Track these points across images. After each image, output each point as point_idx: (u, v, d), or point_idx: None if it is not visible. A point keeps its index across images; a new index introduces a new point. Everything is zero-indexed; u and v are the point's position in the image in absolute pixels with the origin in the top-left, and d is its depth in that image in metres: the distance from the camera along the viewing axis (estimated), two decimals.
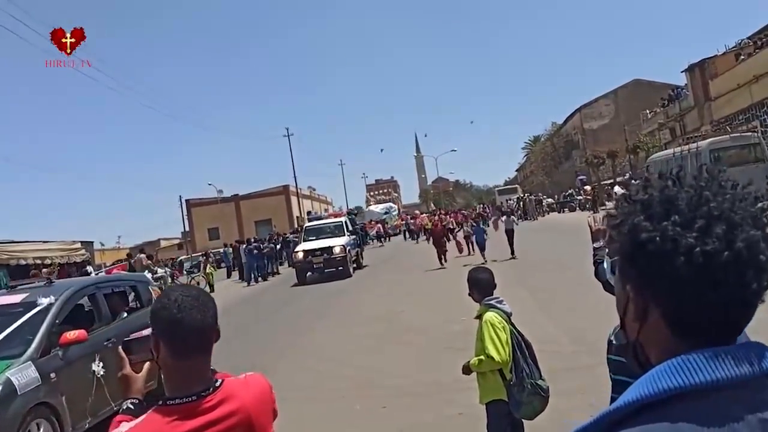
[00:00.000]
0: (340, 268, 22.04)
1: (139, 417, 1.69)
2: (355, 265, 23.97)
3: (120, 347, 1.95)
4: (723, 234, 0.86)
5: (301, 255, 22.67)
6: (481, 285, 4.29)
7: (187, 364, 1.73)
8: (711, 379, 0.84)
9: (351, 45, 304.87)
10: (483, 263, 16.64)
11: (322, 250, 22.21)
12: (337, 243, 22.50)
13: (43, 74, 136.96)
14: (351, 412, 6.72)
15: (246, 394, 1.79)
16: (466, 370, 4.21)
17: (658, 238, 0.88)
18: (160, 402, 1.70)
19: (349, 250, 22.80)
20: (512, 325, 4.14)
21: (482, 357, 4.00)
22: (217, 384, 1.75)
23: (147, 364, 1.94)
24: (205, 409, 1.68)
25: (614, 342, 1.09)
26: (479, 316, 4.18)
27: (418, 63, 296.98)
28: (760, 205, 0.91)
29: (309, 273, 22.44)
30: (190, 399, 1.68)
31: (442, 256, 20.73)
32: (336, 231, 24.41)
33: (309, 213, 33.54)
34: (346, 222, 25.72)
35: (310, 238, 24.05)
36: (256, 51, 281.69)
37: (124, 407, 1.86)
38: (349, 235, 24.29)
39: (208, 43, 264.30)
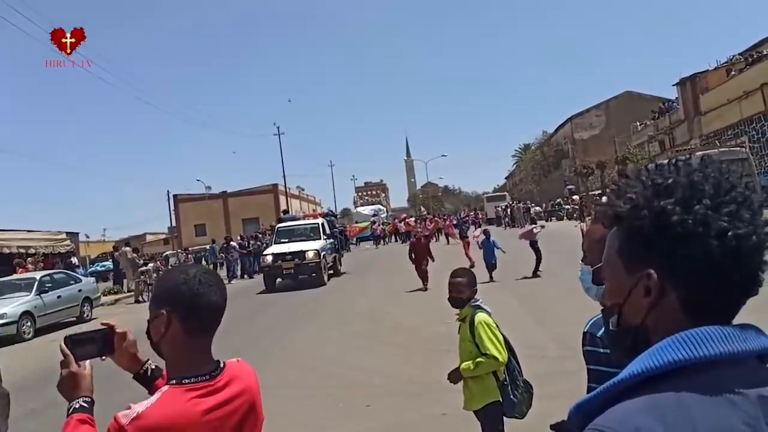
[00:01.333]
0: (313, 274, 20.03)
1: (150, 398, 1.61)
2: (331, 272, 22.39)
3: (62, 344, 1.82)
4: (750, 218, 0.91)
5: (270, 259, 20.58)
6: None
7: (198, 343, 1.70)
8: (714, 353, 0.86)
9: (344, 46, 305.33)
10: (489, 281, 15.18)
11: (294, 254, 20.16)
12: (310, 247, 20.39)
13: (33, 64, 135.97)
14: (336, 410, 6.68)
15: (245, 375, 1.79)
16: (456, 377, 4.04)
17: (690, 221, 0.90)
18: (173, 381, 1.65)
19: (324, 255, 20.80)
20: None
21: (481, 359, 3.87)
22: (221, 365, 1.73)
23: (88, 362, 1.83)
24: (217, 388, 1.66)
25: (605, 330, 1.08)
26: (463, 318, 4.09)
27: (410, 67, 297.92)
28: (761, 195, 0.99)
29: (278, 279, 20.64)
30: (204, 378, 1.65)
31: (424, 277, 16.19)
32: (311, 234, 22.21)
33: (285, 212, 29.56)
34: (323, 224, 23.35)
35: (282, 241, 21.80)
36: (249, 49, 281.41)
37: (77, 406, 1.72)
38: (325, 239, 22.19)
39: (201, 39, 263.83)
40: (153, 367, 1.94)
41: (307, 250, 20.21)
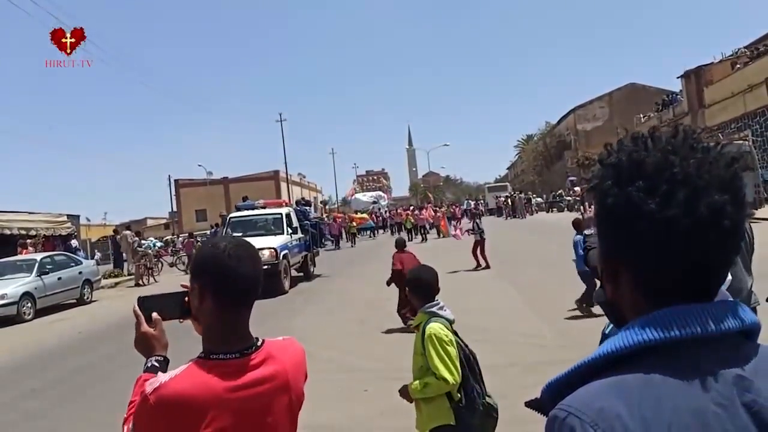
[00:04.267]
0: (270, 278, 14.90)
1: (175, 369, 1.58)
2: (301, 274, 18.67)
3: (135, 305, 1.81)
4: (685, 199, 0.85)
5: None
6: (422, 288, 3.59)
7: (232, 318, 1.65)
8: (685, 333, 0.85)
9: (347, 34, 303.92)
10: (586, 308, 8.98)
11: None
12: (266, 245, 15.59)
13: (34, 45, 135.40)
14: (333, 394, 6.71)
15: (285, 356, 1.74)
16: (406, 395, 3.46)
17: (622, 203, 0.89)
18: (201, 355, 1.61)
19: (285, 254, 16.48)
20: (456, 334, 3.48)
21: (429, 380, 3.28)
22: (259, 343, 1.69)
23: (160, 322, 1.81)
24: (249, 367, 1.62)
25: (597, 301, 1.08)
26: (417, 326, 3.53)
27: (413, 56, 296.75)
28: (733, 167, 0.90)
29: None
30: (234, 355, 1.61)
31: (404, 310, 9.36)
32: (272, 227, 17.90)
33: (245, 199, 22.94)
34: (288, 215, 18.53)
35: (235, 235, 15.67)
36: (253, 35, 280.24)
37: (149, 365, 1.73)
38: (290, 234, 17.80)
39: (205, 23, 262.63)
40: None
41: (262, 249, 15.05)
